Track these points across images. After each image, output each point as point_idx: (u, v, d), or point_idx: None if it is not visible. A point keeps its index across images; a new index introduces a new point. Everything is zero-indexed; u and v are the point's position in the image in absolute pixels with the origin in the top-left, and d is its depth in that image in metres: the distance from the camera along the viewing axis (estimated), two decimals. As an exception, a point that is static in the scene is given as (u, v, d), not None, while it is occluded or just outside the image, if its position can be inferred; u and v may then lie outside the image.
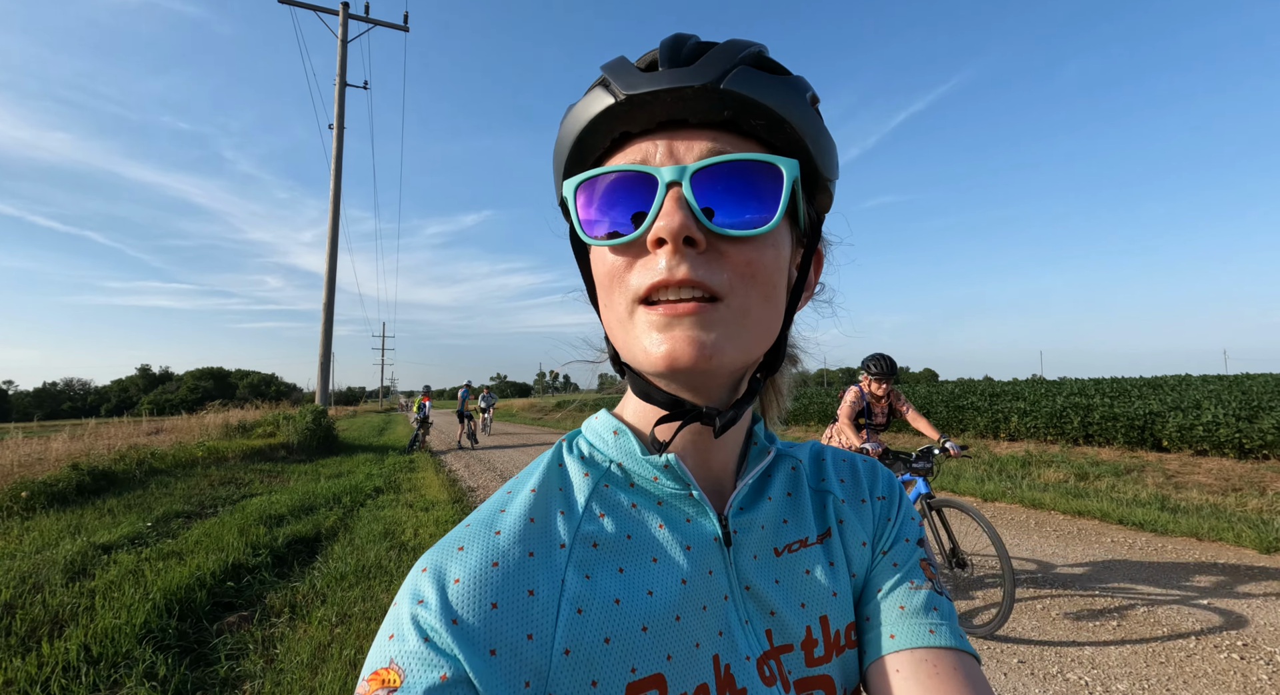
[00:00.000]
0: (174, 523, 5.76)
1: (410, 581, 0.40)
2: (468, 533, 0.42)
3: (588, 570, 0.42)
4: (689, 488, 0.46)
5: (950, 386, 19.36)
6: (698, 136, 0.41)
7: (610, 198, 0.41)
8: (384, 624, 0.39)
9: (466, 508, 6.75)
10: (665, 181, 0.39)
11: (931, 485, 4.49)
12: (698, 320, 0.39)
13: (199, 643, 3.19)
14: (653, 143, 0.41)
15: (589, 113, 0.42)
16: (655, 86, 0.39)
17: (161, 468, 8.77)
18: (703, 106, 0.40)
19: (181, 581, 3.76)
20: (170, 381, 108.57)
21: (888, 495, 0.55)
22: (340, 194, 15.21)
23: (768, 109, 0.40)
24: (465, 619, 0.37)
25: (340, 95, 15.39)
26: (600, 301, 0.45)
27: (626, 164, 0.41)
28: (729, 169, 0.39)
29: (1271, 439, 7.84)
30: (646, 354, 0.40)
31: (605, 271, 0.43)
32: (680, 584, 0.43)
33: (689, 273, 0.38)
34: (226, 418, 14.04)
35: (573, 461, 0.48)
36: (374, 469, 10.00)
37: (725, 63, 0.39)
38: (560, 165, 0.46)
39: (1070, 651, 2.95)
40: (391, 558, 4.64)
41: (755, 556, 0.48)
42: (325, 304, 14.79)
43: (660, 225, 0.38)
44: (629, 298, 0.41)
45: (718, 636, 0.43)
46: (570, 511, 0.45)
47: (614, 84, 0.40)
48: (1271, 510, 6.02)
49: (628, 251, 0.41)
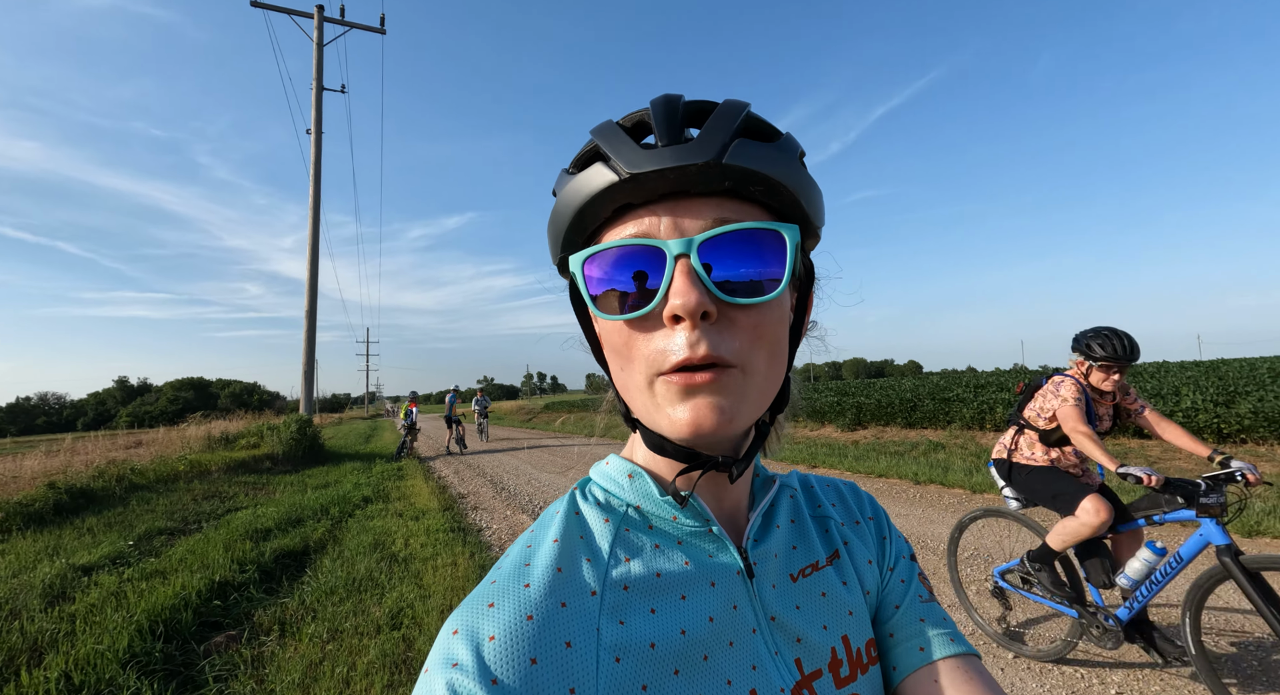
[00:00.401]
0: (157, 540, 5.63)
1: (441, 645, 0.39)
2: (495, 589, 0.42)
3: (621, 616, 0.42)
4: (709, 524, 0.47)
5: (935, 378, 19.59)
6: (700, 206, 0.42)
7: (618, 271, 0.42)
8: (416, 692, 0.38)
9: (457, 515, 6.69)
10: (674, 254, 0.40)
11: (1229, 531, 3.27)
12: (716, 387, 0.40)
13: (186, 665, 3.10)
14: (655, 214, 0.42)
15: (590, 187, 0.42)
16: (659, 165, 0.40)
17: (142, 483, 8.58)
18: (705, 180, 0.41)
19: (166, 602, 3.67)
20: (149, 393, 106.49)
21: (875, 515, 0.60)
22: (320, 199, 15.00)
23: (766, 177, 0.41)
24: (505, 678, 0.36)
25: (317, 99, 15.16)
26: (613, 365, 0.46)
27: (632, 238, 0.42)
28: (734, 237, 0.41)
29: (1249, 423, 8.02)
30: (671, 421, 0.41)
31: (620, 343, 0.44)
32: (708, 622, 0.44)
33: (709, 349, 0.39)
34: (209, 429, 13.78)
35: (589, 508, 0.49)
36: (362, 478, 9.87)
37: (724, 136, 0.41)
38: (560, 234, 0.46)
39: (1065, 644, 2.98)
40: (382, 569, 4.57)
41: (774, 586, 0.49)
42: (307, 311, 14.57)
43: (677, 303, 0.39)
44: (649, 370, 0.42)
45: (750, 671, 0.44)
46: (596, 558, 0.45)
47: (615, 160, 0.41)
48: (1251, 494, 6.14)
49: (642, 325, 0.42)
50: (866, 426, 13.78)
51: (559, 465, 11.24)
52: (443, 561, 4.69)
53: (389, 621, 3.54)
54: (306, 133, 15.46)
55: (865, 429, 13.63)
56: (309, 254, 14.78)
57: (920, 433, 12.18)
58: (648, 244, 0.41)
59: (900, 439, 11.84)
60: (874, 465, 8.79)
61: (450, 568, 4.51)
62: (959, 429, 11.67)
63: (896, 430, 12.91)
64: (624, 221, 0.43)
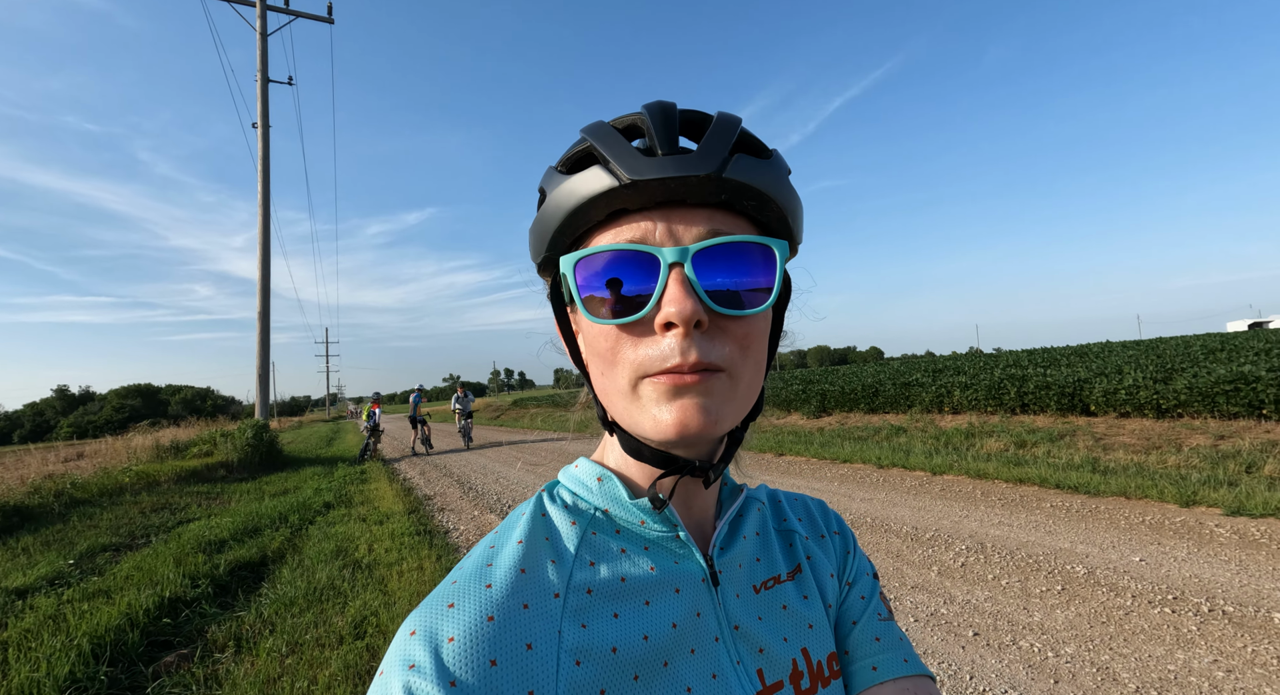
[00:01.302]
0: (100, 558, 5.34)
1: (398, 646, 0.38)
2: (456, 589, 0.41)
3: (584, 619, 0.41)
4: (676, 530, 0.47)
5: (896, 364, 20.08)
6: (695, 216, 0.42)
7: (610, 275, 0.42)
8: (371, 694, 0.37)
9: (423, 517, 6.55)
10: (668, 262, 0.40)
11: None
12: (703, 389, 0.40)
13: (133, 689, 2.95)
14: (650, 221, 0.42)
15: (587, 190, 0.42)
16: (661, 174, 0.40)
17: (84, 497, 8.14)
18: (704, 192, 0.41)
19: (110, 622, 3.48)
20: (92, 402, 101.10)
21: (841, 531, 0.61)
22: (270, 195, 14.41)
23: (760, 192, 0.42)
24: (464, 679, 0.36)
25: (263, 92, 14.53)
26: (594, 368, 0.46)
27: (627, 243, 0.42)
28: (727, 248, 0.41)
29: (1185, 398, 8.46)
30: (656, 422, 0.41)
31: (606, 347, 0.43)
32: (671, 628, 0.44)
33: (700, 357, 0.40)
34: (157, 438, 13.16)
35: (556, 510, 0.48)
36: (323, 483, 9.58)
37: (723, 149, 0.41)
38: (547, 234, 0.45)
39: (1021, 619, 3.09)
40: (345, 577, 4.43)
41: (739, 595, 0.49)
42: (260, 312, 14.03)
43: (671, 310, 0.39)
44: (634, 373, 0.42)
45: (710, 680, 0.44)
46: (561, 560, 0.44)
47: (614, 164, 0.41)
48: (1188, 465, 6.49)
49: (631, 330, 0.42)
50: (831, 413, 14.05)
51: (527, 462, 11.13)
52: (409, 566, 4.58)
53: (352, 631, 3.43)
54: (253, 126, 14.81)
55: (830, 415, 13.90)
56: (260, 252, 14.21)
57: (883, 418, 12.48)
58: (643, 250, 0.41)
59: (864, 424, 12.11)
60: (839, 451, 8.97)
61: (416, 572, 4.41)
62: (919, 413, 12.00)
63: (860, 416, 13.20)
64: (617, 226, 0.43)
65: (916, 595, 3.49)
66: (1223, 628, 2.84)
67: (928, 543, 4.42)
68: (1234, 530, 4.19)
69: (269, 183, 14.45)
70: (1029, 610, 3.18)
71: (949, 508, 5.41)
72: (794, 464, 8.60)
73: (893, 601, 3.44)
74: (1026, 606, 3.22)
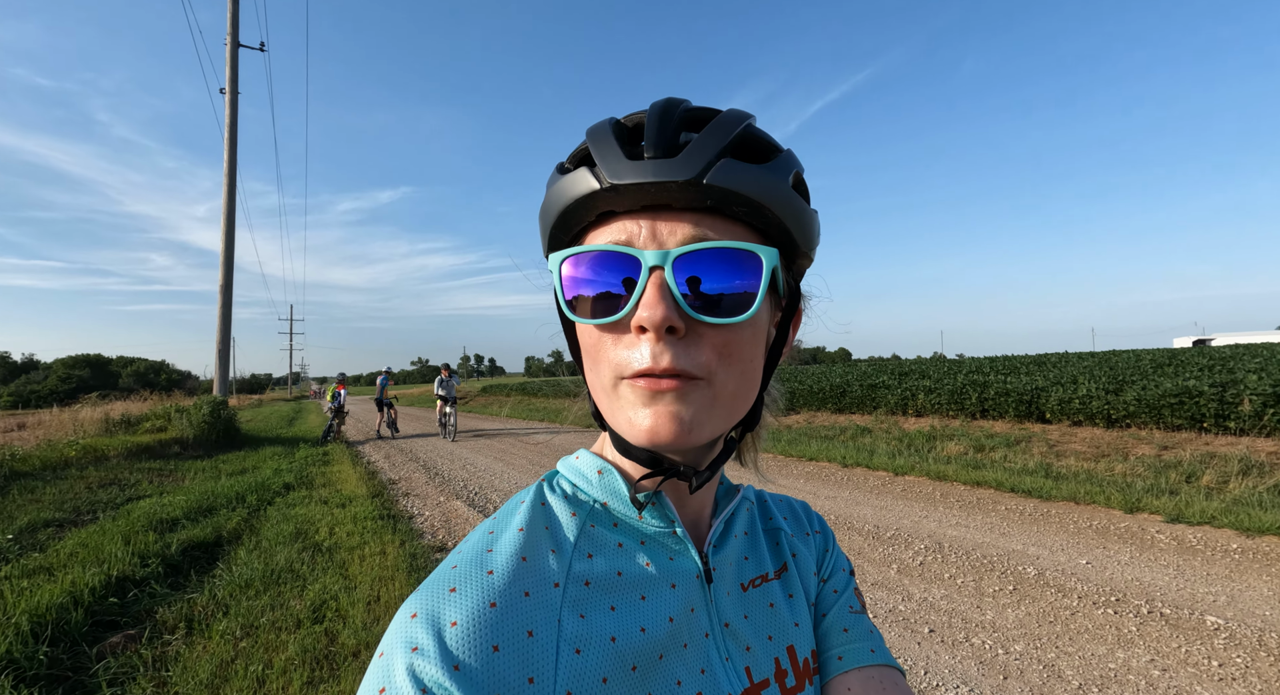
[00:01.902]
0: (41, 534, 5.11)
1: (399, 629, 0.38)
2: (457, 574, 0.41)
3: (582, 610, 0.42)
4: (674, 525, 0.48)
5: (863, 366, 20.49)
6: (681, 220, 0.41)
7: (593, 274, 0.43)
8: (369, 678, 0.36)
9: (388, 501, 6.44)
10: (648, 265, 0.40)
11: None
12: (678, 396, 0.40)
13: (75, 670, 2.84)
14: (636, 222, 0.42)
15: (574, 191, 0.43)
16: (639, 178, 0.40)
17: (25, 470, 7.77)
18: (686, 197, 0.40)
19: (52, 601, 3.33)
20: (36, 371, 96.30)
21: (822, 530, 0.62)
22: (236, 165, 13.89)
23: (748, 198, 0.41)
24: (467, 664, 0.36)
25: (232, 56, 13.97)
26: (585, 365, 0.47)
27: (610, 244, 0.42)
28: (711, 254, 0.41)
29: (1133, 410, 8.84)
30: (630, 425, 0.41)
31: (590, 344, 0.44)
32: (668, 622, 0.44)
33: (671, 362, 0.40)
34: (107, 411, 12.61)
35: (556, 500, 0.48)
36: (283, 463, 9.33)
37: (709, 154, 0.40)
38: (546, 230, 0.47)
39: (975, 617, 3.20)
40: (304, 559, 4.34)
41: (729, 593, 0.50)
42: (222, 285, 13.56)
43: (643, 315, 0.39)
44: (613, 373, 0.42)
45: (699, 675, 0.44)
46: (560, 550, 0.44)
47: (599, 167, 0.41)
48: (1133, 473, 6.80)
49: (612, 329, 0.43)
50: (799, 411, 14.28)
51: (496, 450, 11.04)
52: (371, 550, 4.50)
53: (310, 615, 3.36)
54: (221, 92, 14.23)
55: (798, 414, 14.13)
56: (224, 224, 13.70)
57: (849, 418, 12.74)
58: (625, 252, 0.41)
59: (830, 424, 12.34)
60: (805, 449, 9.12)
61: (379, 557, 4.34)
62: (884, 414, 12.28)
63: (827, 415, 13.45)
64: (606, 226, 0.43)
65: (876, 592, 3.59)
66: (1160, 629, 2.99)
67: (888, 541, 4.54)
68: (1173, 536, 4.41)
69: (236, 151, 13.91)
70: (982, 609, 3.29)
71: (910, 508, 5.55)
72: (761, 460, 8.70)
73: (853, 597, 3.53)
74: (980, 605, 3.34)
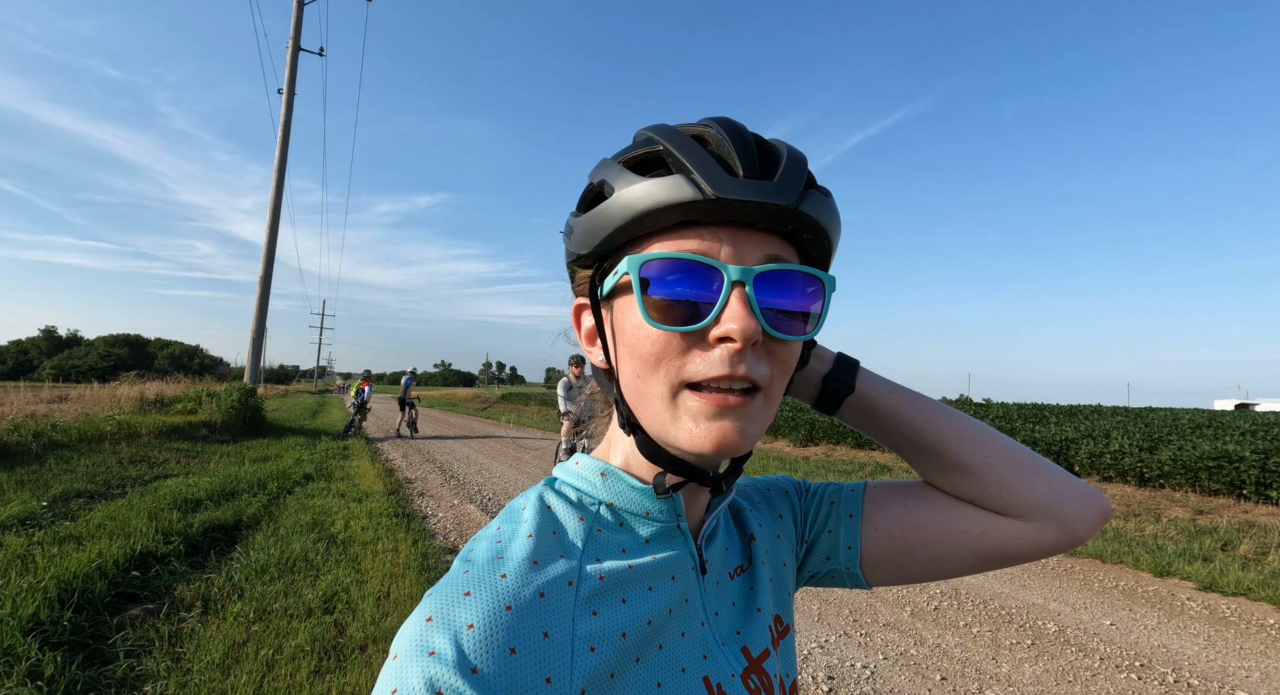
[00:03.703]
0: (73, 503, 5.29)
1: (414, 633, 0.38)
2: (470, 578, 0.41)
3: (595, 607, 0.43)
4: (678, 519, 0.50)
5: (887, 403, 20.17)
6: (759, 240, 0.44)
7: (676, 281, 0.43)
8: (382, 681, 0.36)
9: (402, 500, 6.52)
10: (731, 279, 0.42)
11: None
12: (744, 412, 0.43)
13: (95, 638, 2.92)
14: (717, 237, 0.43)
15: (666, 196, 0.42)
16: (745, 197, 0.42)
17: (63, 441, 8.06)
18: (777, 219, 0.43)
19: (79, 569, 3.45)
20: (79, 346, 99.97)
21: (775, 483, 0.68)
22: (286, 163, 14.44)
23: (821, 227, 0.45)
24: (484, 667, 0.36)
25: (292, 59, 14.61)
26: (629, 369, 0.47)
27: (692, 253, 0.43)
28: (781, 274, 0.44)
29: (1168, 470, 8.53)
30: (691, 435, 0.43)
31: (652, 351, 0.44)
32: (667, 613, 0.46)
33: (748, 371, 0.42)
34: (142, 390, 13.05)
35: (560, 504, 0.49)
36: (305, 454, 9.52)
37: (799, 182, 0.43)
38: (605, 230, 0.46)
39: (990, 668, 3.10)
40: (319, 550, 4.41)
41: (718, 583, 0.53)
42: (262, 277, 14.00)
43: (733, 327, 0.41)
44: (675, 380, 0.44)
45: (702, 660, 0.47)
46: (570, 552, 0.45)
47: (699, 177, 0.42)
48: (1165, 536, 6.53)
49: (685, 338, 0.43)
50: (818, 443, 14.07)
51: (511, 458, 11.09)
52: (383, 547, 4.56)
53: (321, 605, 3.41)
54: (278, 92, 14.87)
55: (817, 446, 13.92)
56: (269, 217, 14.20)
57: (869, 454, 12.51)
58: (710, 263, 0.42)
59: (849, 458, 12.13)
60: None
61: (391, 554, 4.39)
62: (905, 453, 12.02)
63: (846, 449, 13.22)
64: (682, 234, 0.44)
65: (888, 633, 3.50)
66: (1186, 699, 2.86)
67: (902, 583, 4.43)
68: (1205, 605, 4.22)
69: (287, 149, 14.46)
70: (998, 661, 3.19)
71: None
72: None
73: (863, 636, 3.45)
74: (995, 656, 3.24)
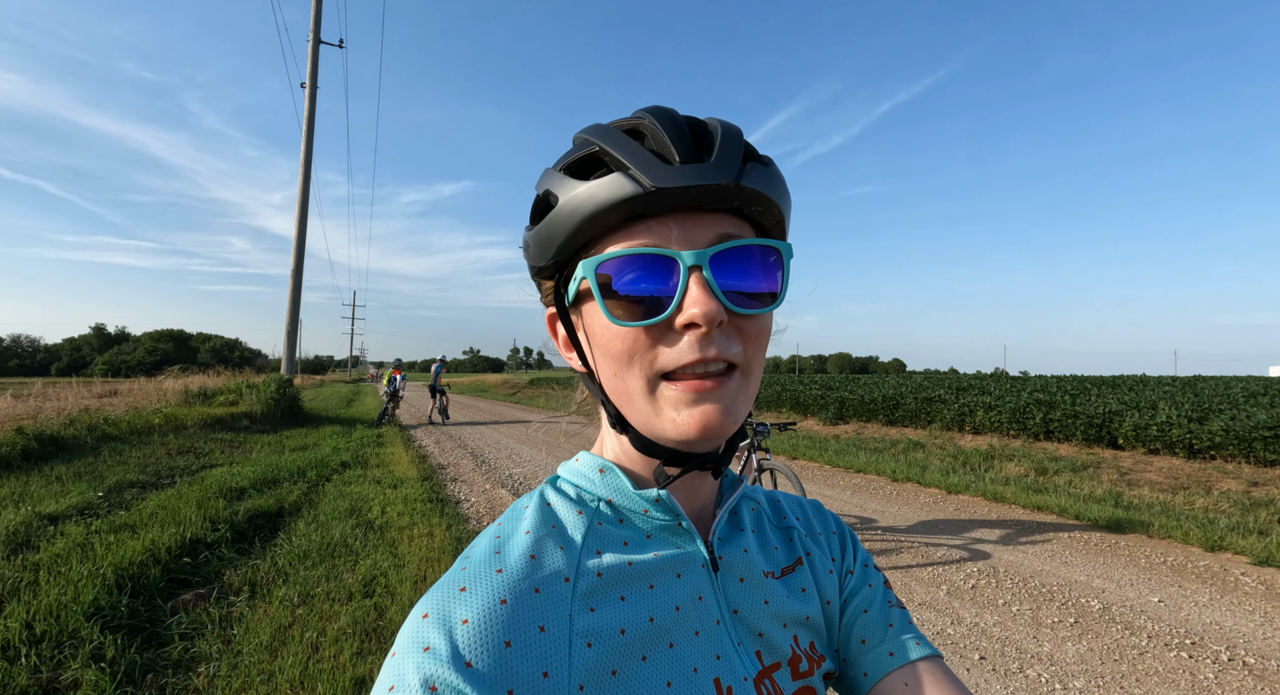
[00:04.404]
0: (127, 493, 5.54)
1: (411, 630, 0.38)
2: (467, 575, 0.42)
3: (593, 603, 0.43)
4: (679, 518, 0.49)
5: (919, 378, 19.81)
6: (708, 221, 0.44)
7: (633, 278, 0.43)
8: (382, 677, 0.37)
9: (436, 485, 6.66)
10: (687, 265, 0.42)
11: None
12: (723, 393, 0.43)
13: (151, 622, 3.06)
14: (666, 226, 0.43)
15: (608, 196, 0.42)
16: (685, 183, 0.41)
17: (115, 434, 8.44)
18: (721, 199, 0.43)
19: (134, 556, 3.61)
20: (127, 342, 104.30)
21: (839, 530, 0.63)
22: (312, 156, 14.62)
23: (767, 198, 0.45)
24: (479, 661, 0.36)
25: (313, 52, 14.70)
26: (607, 370, 0.47)
27: (644, 247, 0.43)
28: (736, 251, 0.44)
29: (1219, 440, 8.18)
30: (675, 424, 0.43)
31: (623, 348, 0.44)
32: (674, 611, 0.45)
33: (719, 352, 0.42)
34: (186, 383, 13.56)
35: (560, 501, 0.50)
36: (341, 442, 9.79)
37: (736, 158, 0.43)
38: (557, 239, 0.46)
39: (1031, 647, 3.03)
40: (357, 536, 4.54)
41: (742, 579, 0.51)
42: (293, 270, 14.30)
43: (695, 312, 0.41)
44: (649, 373, 0.44)
45: (715, 660, 0.46)
46: (569, 547, 0.45)
47: (635, 171, 0.42)
48: (1216, 509, 6.29)
49: (651, 332, 0.44)
50: (849, 421, 13.91)
51: (541, 442, 11.23)
52: (419, 531, 4.66)
53: (361, 589, 3.51)
54: (301, 86, 15.00)
55: (847, 424, 13.76)
56: (298, 211, 14.45)
57: (901, 431, 12.32)
58: (663, 254, 0.42)
59: (881, 436, 11.96)
60: (853, 460, 8.88)
61: (426, 538, 4.49)
62: (939, 429, 11.81)
63: (878, 427, 13.04)
64: (630, 230, 0.44)
65: (923, 612, 3.45)
66: (1242, 679, 2.76)
67: (938, 561, 4.36)
68: (1261, 580, 4.06)
69: (312, 143, 14.65)
70: (1039, 640, 3.12)
71: (963, 528, 5.32)
72: (806, 469, 8.54)
73: (899, 616, 3.41)
74: (1036, 635, 3.17)
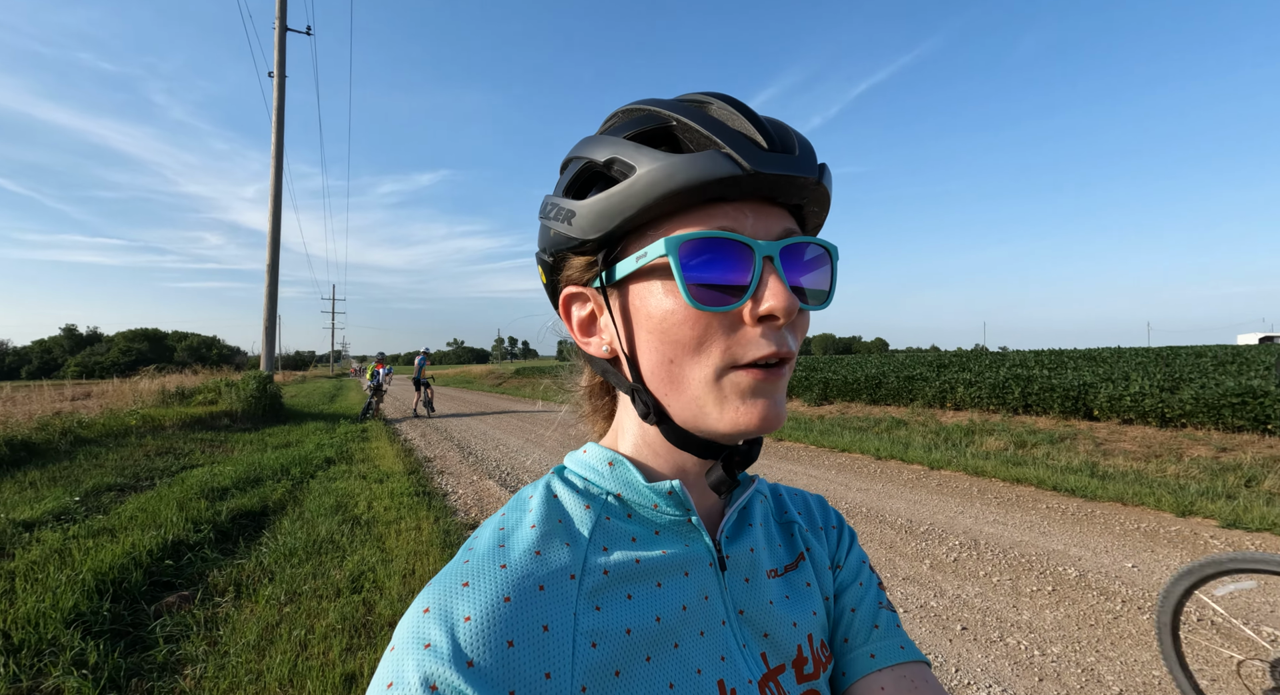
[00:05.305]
0: (105, 497, 5.43)
1: (411, 624, 0.37)
2: (470, 569, 0.40)
3: (598, 602, 0.42)
4: (689, 514, 0.47)
5: (900, 356, 20.07)
6: (779, 213, 0.44)
7: (704, 260, 0.41)
8: (380, 672, 0.36)
9: (423, 479, 6.62)
10: (762, 255, 0.41)
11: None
12: (779, 386, 0.43)
13: (135, 626, 3.02)
14: (741, 211, 0.42)
15: (702, 172, 0.40)
16: (780, 170, 0.41)
17: (90, 437, 8.25)
18: (799, 193, 0.43)
19: (114, 560, 3.55)
20: (99, 343, 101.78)
21: (839, 526, 0.62)
22: (283, 147, 14.26)
23: (829, 200, 0.47)
24: (481, 660, 0.35)
25: (280, 40, 14.27)
26: (659, 356, 0.44)
27: (719, 230, 0.41)
28: (800, 247, 0.44)
29: (1190, 409, 8.41)
30: (738, 414, 0.42)
31: (693, 335, 0.42)
32: (681, 610, 0.44)
33: (789, 347, 0.42)
34: (163, 383, 13.29)
35: (567, 494, 0.48)
36: (325, 438, 9.68)
37: (815, 156, 0.44)
38: (628, 211, 0.42)
39: (1010, 616, 3.12)
40: (344, 531, 4.51)
41: (748, 580, 0.50)
42: (269, 264, 14.01)
43: (774, 303, 0.40)
44: (721, 362, 0.42)
45: (720, 661, 0.44)
46: (575, 543, 0.44)
47: (734, 153, 0.40)
48: (1187, 475, 6.49)
49: (723, 319, 0.42)
50: (833, 402, 14.07)
51: (528, 432, 11.21)
52: (407, 525, 4.64)
53: (349, 585, 3.50)
54: (269, 75, 14.58)
55: (831, 404, 13.92)
56: (271, 205, 14.13)
57: (884, 409, 12.49)
58: (741, 240, 0.41)
59: (864, 415, 12.13)
60: (838, 440, 8.99)
61: (414, 532, 4.47)
62: (921, 407, 12.00)
63: (861, 406, 13.21)
64: (707, 212, 0.42)
65: (907, 587, 3.53)
66: (1211, 638, 2.86)
67: (921, 536, 4.45)
68: (1229, 542, 4.20)
69: (283, 134, 14.28)
70: (1018, 608, 3.21)
71: (945, 503, 5.43)
72: (792, 450, 8.63)
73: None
74: (1016, 604, 3.25)
